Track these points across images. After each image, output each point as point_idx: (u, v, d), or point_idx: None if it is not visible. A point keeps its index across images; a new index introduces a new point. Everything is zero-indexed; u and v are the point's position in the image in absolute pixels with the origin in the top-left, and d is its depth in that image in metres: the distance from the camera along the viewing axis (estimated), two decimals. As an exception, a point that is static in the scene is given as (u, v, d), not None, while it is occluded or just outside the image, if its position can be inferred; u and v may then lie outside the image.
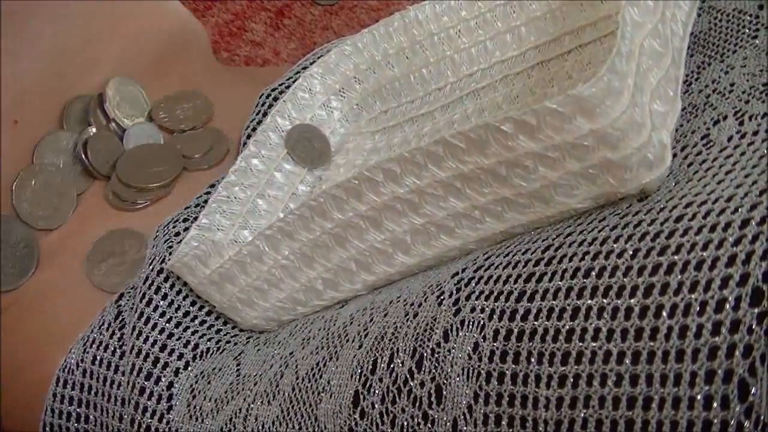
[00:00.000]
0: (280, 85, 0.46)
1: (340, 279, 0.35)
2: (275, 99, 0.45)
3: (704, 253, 0.24)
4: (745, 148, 0.28)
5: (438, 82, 0.45)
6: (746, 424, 0.21)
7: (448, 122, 0.43)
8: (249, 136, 0.44)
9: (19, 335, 0.43)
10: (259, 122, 0.44)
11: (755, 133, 0.29)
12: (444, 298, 0.29)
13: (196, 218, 0.41)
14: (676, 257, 0.24)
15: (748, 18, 0.35)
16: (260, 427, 0.32)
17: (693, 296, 0.23)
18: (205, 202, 0.42)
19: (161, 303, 0.39)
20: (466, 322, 0.27)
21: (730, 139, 0.29)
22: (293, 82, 0.45)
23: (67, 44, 0.47)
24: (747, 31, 0.35)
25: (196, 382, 0.36)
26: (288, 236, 0.34)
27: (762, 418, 0.21)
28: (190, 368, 0.37)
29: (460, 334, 0.27)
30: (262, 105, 0.45)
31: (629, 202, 0.28)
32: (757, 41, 0.34)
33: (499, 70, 0.43)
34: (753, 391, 0.21)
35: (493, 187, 0.29)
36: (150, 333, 0.38)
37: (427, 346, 0.28)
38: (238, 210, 0.42)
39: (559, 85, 0.39)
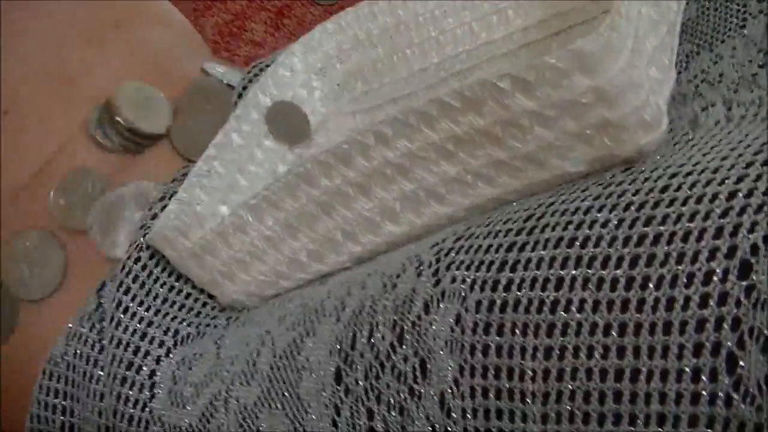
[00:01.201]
0: (266, 66, 0.45)
1: (326, 250, 0.34)
2: (261, 70, 0.44)
3: (691, 225, 0.23)
4: (731, 129, 0.28)
5: (422, 63, 0.44)
6: (735, 396, 0.21)
7: (432, 102, 0.43)
8: (235, 104, 0.44)
9: (19, 331, 0.42)
10: (240, 95, 0.44)
11: (742, 117, 0.29)
12: (423, 269, 0.28)
13: (174, 194, 0.40)
14: (662, 228, 0.24)
15: (736, 6, 0.35)
16: (242, 409, 0.32)
17: (680, 268, 0.23)
18: (183, 176, 0.41)
19: (139, 292, 0.38)
20: (447, 293, 0.27)
21: (717, 123, 0.29)
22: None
23: (65, 46, 0.47)
24: (735, 20, 0.35)
25: (178, 369, 0.36)
26: (273, 205, 0.33)
27: (750, 390, 0.21)
28: (171, 355, 0.37)
29: (441, 305, 0.27)
30: (247, 80, 0.44)
31: (612, 171, 0.28)
32: (746, 30, 0.34)
33: (485, 51, 0.43)
34: (741, 364, 0.21)
35: (486, 149, 0.29)
36: (129, 323, 0.37)
37: (408, 318, 0.27)
38: (218, 184, 0.41)
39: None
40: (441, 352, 0.26)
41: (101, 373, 0.37)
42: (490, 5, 0.43)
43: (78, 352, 0.38)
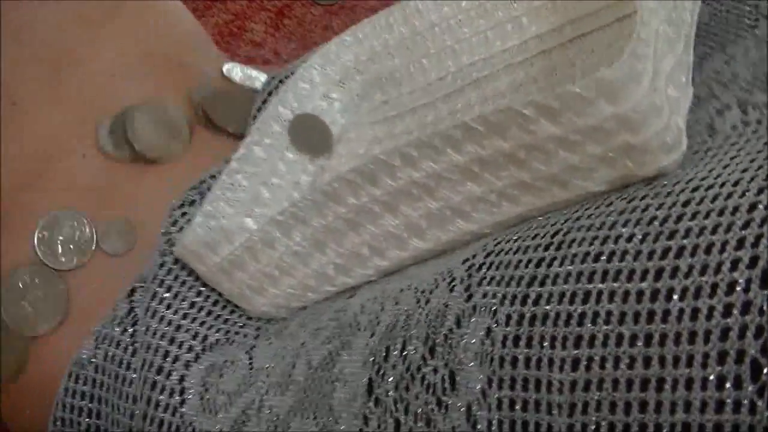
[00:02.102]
0: (285, 77, 0.46)
1: (353, 264, 0.35)
2: (279, 83, 0.45)
3: (713, 237, 0.24)
4: (749, 136, 0.29)
5: (439, 72, 0.45)
6: (759, 403, 0.22)
7: (451, 112, 0.43)
8: (254, 117, 0.44)
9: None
10: (260, 109, 0.44)
11: (759, 122, 0.30)
12: (455, 285, 0.29)
13: (192, 202, 0.41)
14: (685, 241, 0.24)
15: (747, 8, 0.35)
16: (275, 418, 0.33)
17: (703, 279, 0.23)
18: (201, 182, 0.42)
19: (166, 296, 0.39)
20: (478, 308, 0.27)
21: (734, 128, 0.30)
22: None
23: (67, 38, 0.47)
24: (747, 21, 0.35)
25: (208, 375, 0.36)
26: (301, 222, 0.34)
27: None
28: (200, 360, 0.37)
29: (473, 319, 0.27)
30: (266, 92, 0.45)
31: (636, 186, 0.28)
32: (757, 31, 0.34)
33: (501, 59, 0.43)
34: (765, 371, 0.22)
35: (511, 171, 0.29)
36: (158, 327, 0.38)
37: (440, 332, 0.28)
38: (241, 197, 0.42)
39: (563, 72, 0.40)
40: (471, 364, 0.27)
41: (134, 376, 0.38)
42: (504, 14, 0.44)
43: (109, 354, 0.39)
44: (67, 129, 0.46)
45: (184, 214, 0.41)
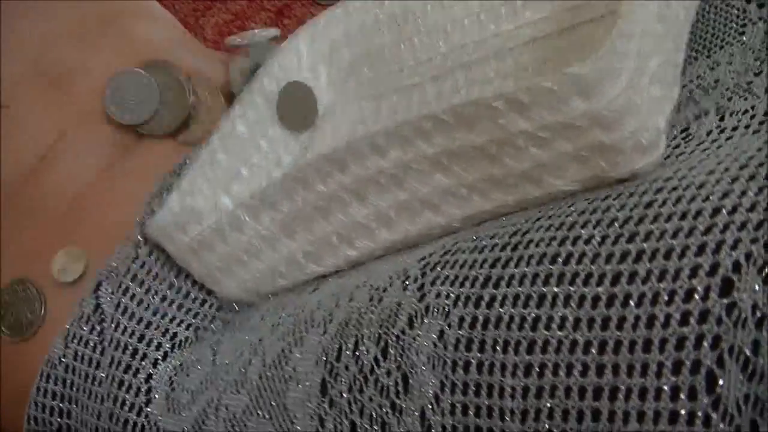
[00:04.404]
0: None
1: (323, 252, 0.34)
2: None
3: (673, 241, 0.23)
4: (722, 142, 0.28)
5: (429, 52, 0.44)
6: (713, 416, 0.21)
7: (437, 93, 0.42)
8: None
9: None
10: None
11: (734, 129, 0.29)
12: (409, 283, 0.28)
13: (169, 188, 0.40)
14: (645, 245, 0.23)
15: (736, 12, 0.34)
16: (231, 417, 0.32)
17: (661, 285, 0.23)
18: (180, 167, 0.41)
19: (138, 291, 0.38)
20: (431, 309, 0.27)
21: (709, 133, 0.29)
22: None
23: (56, 44, 0.46)
24: (734, 26, 0.34)
25: (176, 374, 0.36)
26: (270, 206, 0.33)
27: (729, 410, 0.21)
28: (168, 359, 0.37)
29: (425, 321, 0.27)
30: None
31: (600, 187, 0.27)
32: (744, 38, 0.33)
33: (492, 44, 0.42)
34: (721, 382, 0.21)
35: (481, 165, 0.28)
36: (128, 324, 0.37)
37: (392, 333, 0.27)
38: (220, 174, 0.41)
39: (553, 63, 0.39)
40: (423, 368, 0.26)
41: (102, 375, 0.37)
42: (499, -5, 0.42)
43: (78, 353, 0.38)
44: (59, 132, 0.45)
45: (161, 203, 0.40)
